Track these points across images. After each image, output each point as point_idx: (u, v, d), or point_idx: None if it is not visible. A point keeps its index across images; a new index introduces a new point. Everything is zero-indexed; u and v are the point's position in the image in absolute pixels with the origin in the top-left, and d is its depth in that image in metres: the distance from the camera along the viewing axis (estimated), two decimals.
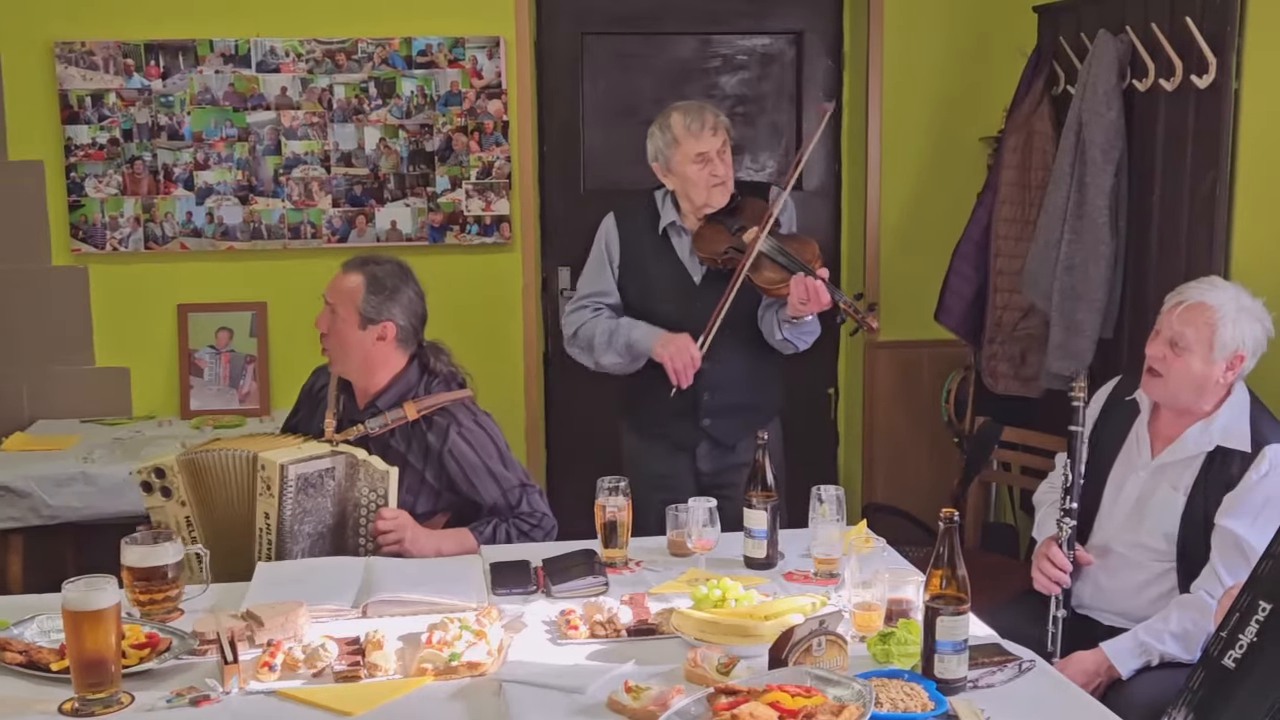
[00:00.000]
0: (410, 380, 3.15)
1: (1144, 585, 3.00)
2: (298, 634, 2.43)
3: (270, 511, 2.91)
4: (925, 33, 4.82)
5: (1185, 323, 2.91)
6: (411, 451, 3.09)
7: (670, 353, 3.42)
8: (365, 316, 3.10)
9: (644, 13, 4.90)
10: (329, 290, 3.15)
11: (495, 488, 3.10)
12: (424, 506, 3.09)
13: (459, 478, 3.09)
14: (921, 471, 4.95)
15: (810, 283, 3.31)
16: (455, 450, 3.07)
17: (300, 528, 2.93)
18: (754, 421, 3.53)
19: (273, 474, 2.89)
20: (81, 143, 4.48)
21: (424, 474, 3.09)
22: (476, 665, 2.30)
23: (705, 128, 3.48)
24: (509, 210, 4.70)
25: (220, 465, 2.99)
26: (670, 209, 3.60)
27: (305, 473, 2.92)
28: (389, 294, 3.12)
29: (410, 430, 3.10)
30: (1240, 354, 2.90)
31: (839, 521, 2.85)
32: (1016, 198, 4.24)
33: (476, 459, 3.09)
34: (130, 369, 4.64)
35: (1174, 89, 3.63)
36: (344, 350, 3.13)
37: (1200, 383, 2.92)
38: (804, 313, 3.36)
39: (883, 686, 2.11)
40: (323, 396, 3.24)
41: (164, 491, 2.99)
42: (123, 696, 2.19)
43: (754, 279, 3.41)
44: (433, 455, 3.08)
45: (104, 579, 2.18)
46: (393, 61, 4.58)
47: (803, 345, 3.56)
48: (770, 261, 3.40)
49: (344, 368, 3.17)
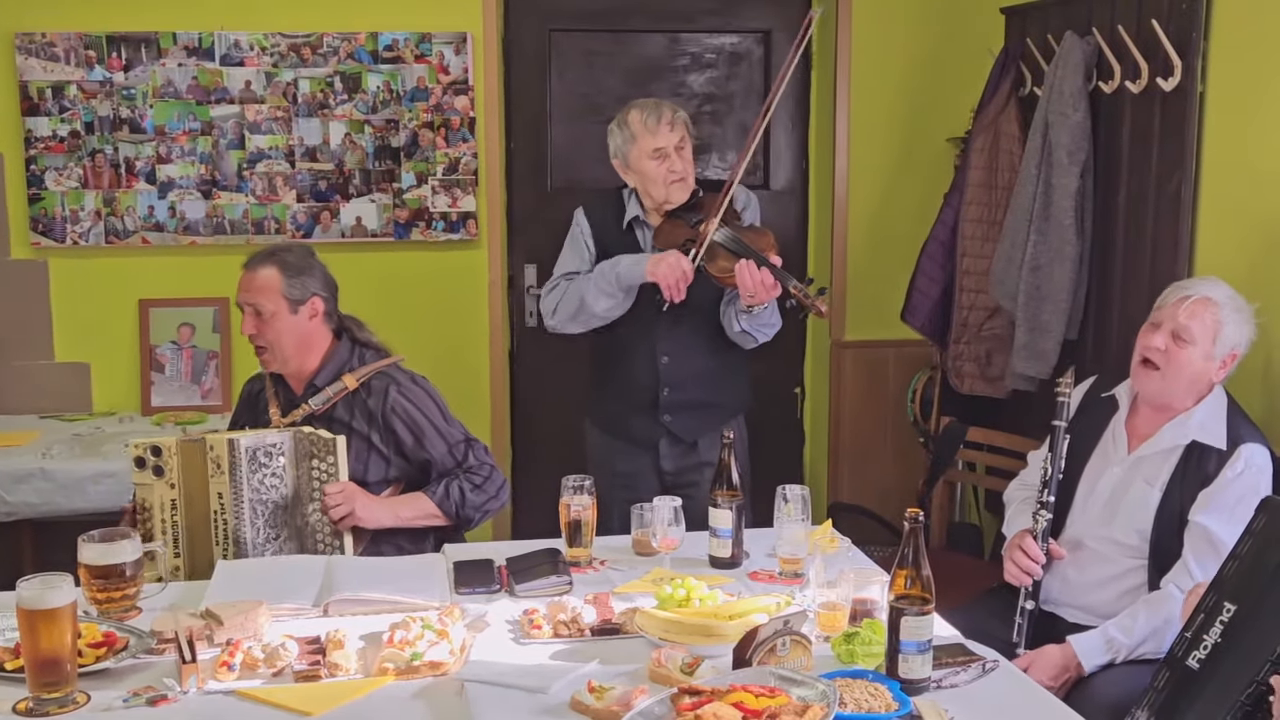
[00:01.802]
0: (343, 355, 3.19)
1: (1112, 580, 3.01)
2: (257, 633, 2.41)
3: (223, 491, 2.92)
4: (893, 33, 4.82)
5: (1191, 316, 2.91)
6: (355, 419, 3.12)
7: (664, 269, 3.40)
8: (292, 300, 3.12)
9: (612, 10, 4.88)
10: (244, 294, 3.14)
11: (441, 443, 3.15)
12: (375, 475, 3.12)
13: (405, 436, 3.12)
14: (887, 471, 4.95)
15: (754, 268, 3.30)
16: (398, 408, 3.12)
17: (254, 507, 2.93)
18: (715, 419, 3.53)
19: (221, 451, 2.92)
20: (42, 135, 4.43)
21: (370, 438, 3.11)
22: (438, 665, 2.28)
23: (662, 123, 3.48)
24: (475, 207, 4.67)
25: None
26: (635, 204, 3.60)
27: (253, 446, 2.95)
28: (305, 272, 3.16)
29: (351, 399, 3.14)
30: (1234, 353, 2.94)
31: (804, 521, 2.85)
32: (983, 198, 4.25)
33: (419, 414, 3.14)
34: (91, 364, 4.59)
35: (1140, 91, 3.65)
36: (280, 341, 3.13)
37: (1196, 378, 2.94)
38: (754, 301, 3.35)
39: (847, 687, 2.10)
40: (260, 399, 3.26)
41: (156, 470, 2.97)
42: (78, 696, 2.17)
43: (709, 268, 3.41)
44: (376, 418, 3.12)
45: (59, 577, 2.16)
46: (359, 56, 4.55)
47: (762, 338, 3.54)
48: (725, 251, 3.40)
49: (282, 360, 3.17)
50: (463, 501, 3.10)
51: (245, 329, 3.14)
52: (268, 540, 2.97)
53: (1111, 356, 3.72)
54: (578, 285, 3.54)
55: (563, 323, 3.60)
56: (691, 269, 3.39)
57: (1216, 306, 2.92)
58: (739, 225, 3.49)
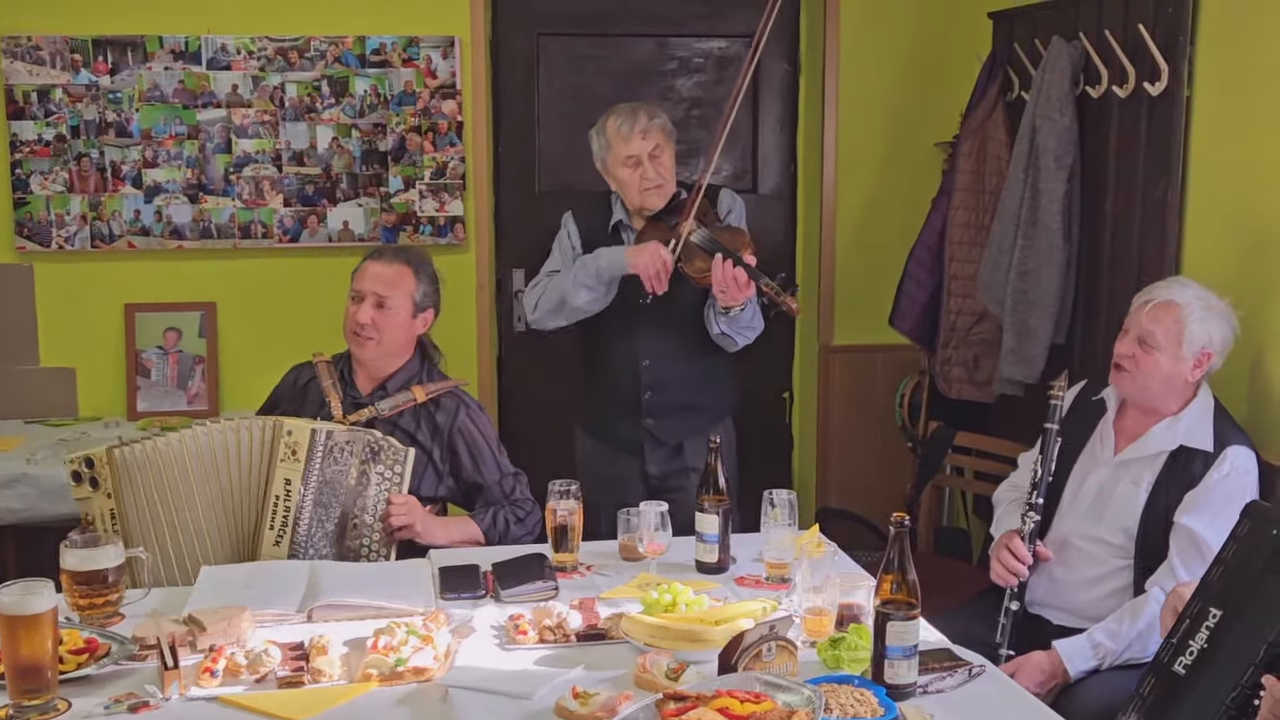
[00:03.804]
0: (415, 367, 3.26)
1: (1097, 580, 3.02)
2: (240, 639, 2.39)
3: (293, 478, 2.94)
4: (881, 38, 4.83)
5: (1154, 321, 2.94)
6: (420, 431, 3.16)
7: (644, 260, 3.40)
8: (418, 305, 3.22)
9: (600, 14, 4.88)
10: (373, 283, 3.17)
11: (495, 471, 3.20)
12: (426, 490, 3.15)
13: (465, 458, 3.17)
14: (875, 476, 4.95)
15: (727, 266, 3.30)
16: (464, 429, 3.17)
17: (319, 500, 2.95)
18: (698, 422, 3.53)
19: (301, 438, 2.95)
20: (27, 139, 4.41)
21: (431, 453, 3.16)
22: (423, 671, 2.27)
23: (635, 130, 3.47)
24: (463, 211, 4.67)
25: (157, 460, 2.95)
26: (620, 209, 3.61)
27: (333, 439, 2.97)
28: (433, 283, 3.28)
29: (419, 412, 3.18)
30: (1208, 351, 2.94)
31: (790, 526, 2.85)
32: (971, 203, 4.25)
33: (482, 440, 3.20)
34: (76, 369, 4.56)
35: (1127, 96, 3.65)
36: (391, 338, 3.19)
37: (1168, 380, 2.95)
38: (728, 300, 3.35)
39: (832, 692, 2.10)
40: (310, 390, 3.25)
41: (92, 482, 2.97)
42: (59, 703, 2.15)
43: (685, 269, 3.41)
44: (441, 434, 3.16)
45: (41, 582, 2.15)
46: (346, 60, 4.54)
47: (742, 340, 3.54)
48: (701, 251, 3.40)
49: (385, 353, 3.20)
50: (506, 533, 3.14)
51: (360, 317, 3.15)
52: (323, 535, 2.97)
53: (1099, 361, 3.71)
54: (559, 280, 3.55)
55: (545, 317, 3.60)
56: (671, 259, 3.39)
57: (1178, 308, 2.93)
58: (716, 225, 3.49)
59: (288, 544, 2.94)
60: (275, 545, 2.94)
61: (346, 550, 2.97)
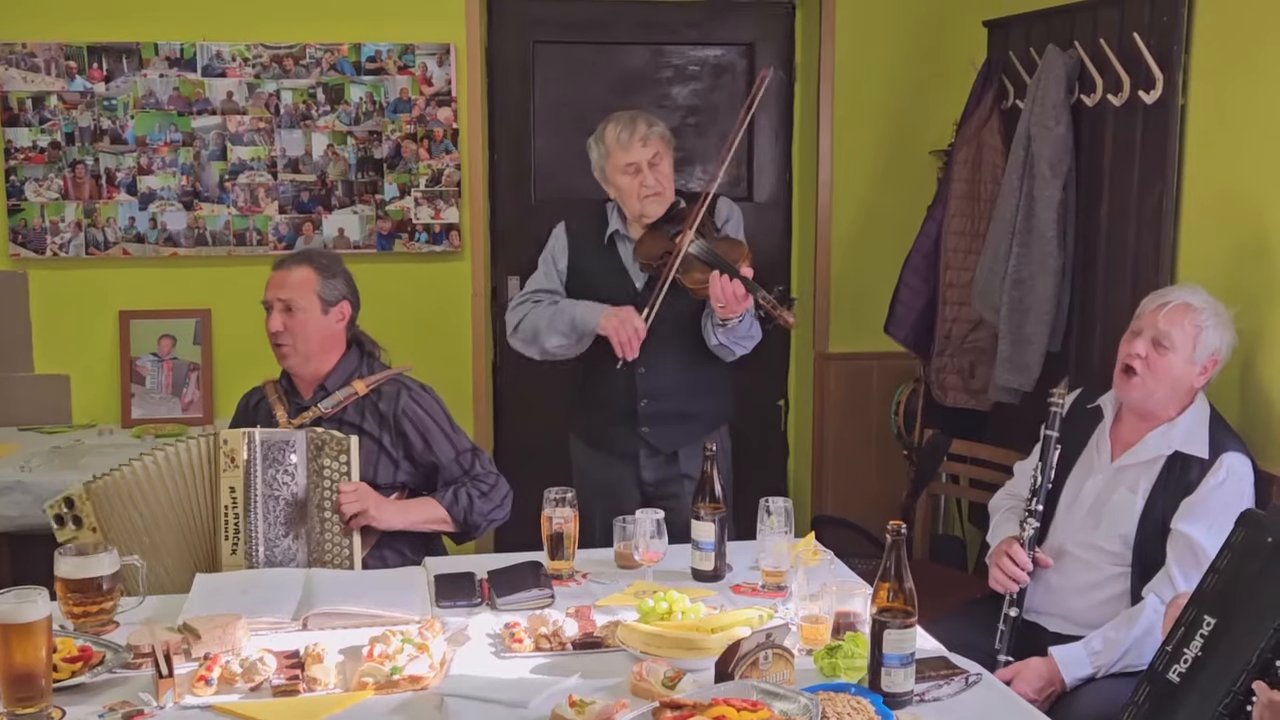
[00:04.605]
0: (353, 361, 3.25)
1: (1094, 587, 3.01)
2: (235, 647, 2.39)
3: (236, 485, 2.94)
4: (876, 46, 4.83)
5: (1171, 323, 2.93)
6: (366, 421, 3.16)
7: (614, 325, 3.41)
8: (326, 300, 3.19)
9: (596, 21, 4.88)
10: (276, 290, 3.19)
11: (449, 448, 3.19)
12: (384, 478, 3.14)
13: (414, 439, 3.16)
14: (871, 483, 4.95)
15: (725, 281, 3.30)
16: (408, 411, 3.17)
17: (267, 504, 2.95)
18: (694, 430, 3.53)
19: (237, 445, 2.95)
20: (22, 145, 4.41)
21: (380, 440, 3.15)
22: (418, 679, 2.27)
23: (634, 138, 3.48)
24: (458, 218, 4.66)
25: (130, 486, 2.98)
26: (616, 218, 3.61)
27: (267, 440, 2.98)
28: (338, 276, 3.24)
29: (362, 403, 3.18)
30: (1215, 359, 2.95)
31: (787, 534, 2.84)
32: (966, 211, 4.25)
33: (429, 419, 3.18)
34: (70, 376, 4.55)
35: (1122, 104, 3.66)
36: (306, 340, 3.18)
37: (1176, 384, 2.95)
38: (727, 313, 3.36)
39: (829, 700, 2.10)
40: (260, 408, 3.27)
41: (75, 521, 2.99)
42: (53, 711, 2.15)
43: (683, 280, 3.41)
44: (387, 420, 3.16)
45: (35, 590, 2.14)
46: (341, 67, 4.54)
47: (739, 350, 3.54)
48: (699, 263, 3.40)
49: (304, 357, 3.20)
50: (470, 508, 3.12)
51: (272, 325, 3.17)
52: (278, 537, 2.97)
53: (1094, 368, 3.72)
54: (536, 315, 3.56)
55: (519, 344, 3.64)
56: (644, 327, 3.40)
57: (1196, 312, 2.93)
58: (715, 237, 3.49)
59: (243, 552, 2.94)
60: (232, 554, 2.94)
61: (312, 547, 2.98)
